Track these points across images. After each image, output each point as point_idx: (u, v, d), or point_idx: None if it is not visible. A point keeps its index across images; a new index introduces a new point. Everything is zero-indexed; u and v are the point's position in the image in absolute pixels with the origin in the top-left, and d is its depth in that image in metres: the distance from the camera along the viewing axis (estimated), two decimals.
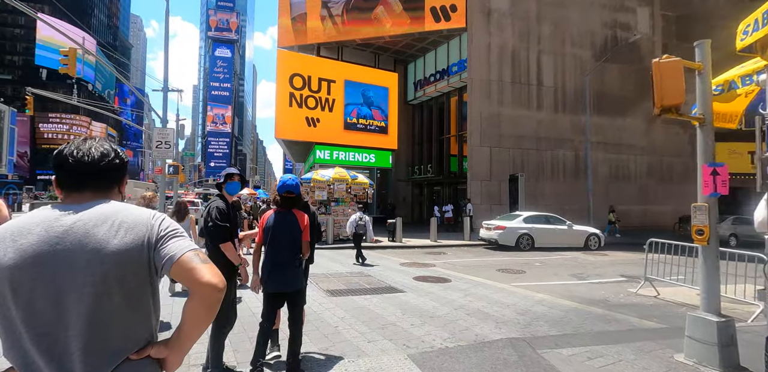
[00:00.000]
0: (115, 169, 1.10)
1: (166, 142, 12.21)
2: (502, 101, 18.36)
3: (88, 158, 1.05)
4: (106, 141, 1.14)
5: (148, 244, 1.01)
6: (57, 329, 0.93)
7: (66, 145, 1.08)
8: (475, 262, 9.94)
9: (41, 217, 0.99)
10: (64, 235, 0.96)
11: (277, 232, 3.04)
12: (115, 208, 1.04)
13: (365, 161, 20.80)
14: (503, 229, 12.33)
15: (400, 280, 7.23)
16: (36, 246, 0.94)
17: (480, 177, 17.85)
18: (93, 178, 1.07)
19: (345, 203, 13.60)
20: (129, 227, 1.01)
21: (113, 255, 0.97)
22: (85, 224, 0.98)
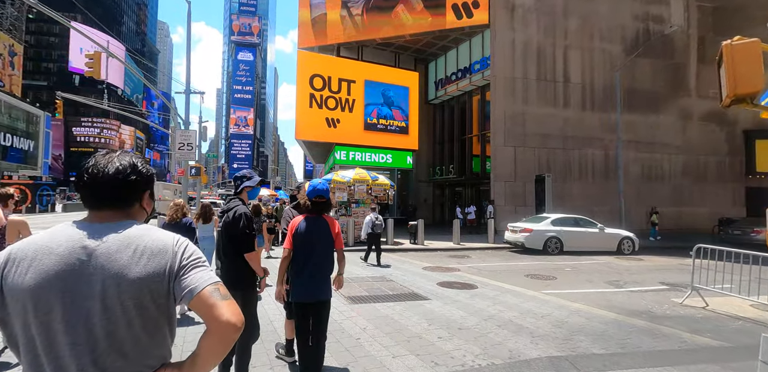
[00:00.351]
0: (132, 185, 1.06)
1: (188, 143, 12.28)
2: (526, 99, 17.75)
3: (101, 175, 1.02)
4: (128, 155, 1.10)
5: (169, 273, 0.99)
6: (74, 353, 0.91)
7: (88, 160, 1.06)
8: (501, 267, 9.51)
9: (65, 237, 0.96)
10: (87, 259, 0.94)
11: (308, 239, 2.90)
12: (140, 232, 1.01)
13: (385, 162, 20.54)
14: (530, 231, 11.81)
15: (424, 285, 6.91)
16: (57, 267, 0.92)
17: (504, 178, 17.30)
18: (109, 195, 1.03)
19: (366, 205, 13.36)
20: (152, 254, 0.98)
21: (135, 282, 0.94)
22: (108, 248, 0.96)
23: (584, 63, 18.68)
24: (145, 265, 0.96)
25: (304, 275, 2.87)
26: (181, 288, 0.97)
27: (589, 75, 18.72)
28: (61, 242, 0.95)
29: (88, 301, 0.91)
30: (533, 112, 17.73)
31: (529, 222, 12.50)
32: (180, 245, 1.03)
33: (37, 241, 0.96)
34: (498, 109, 17.43)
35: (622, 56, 19.01)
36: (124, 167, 1.04)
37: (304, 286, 2.86)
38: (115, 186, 1.02)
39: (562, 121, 18.13)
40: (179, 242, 1.03)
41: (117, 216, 1.04)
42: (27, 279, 0.90)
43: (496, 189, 17.24)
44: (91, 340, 0.91)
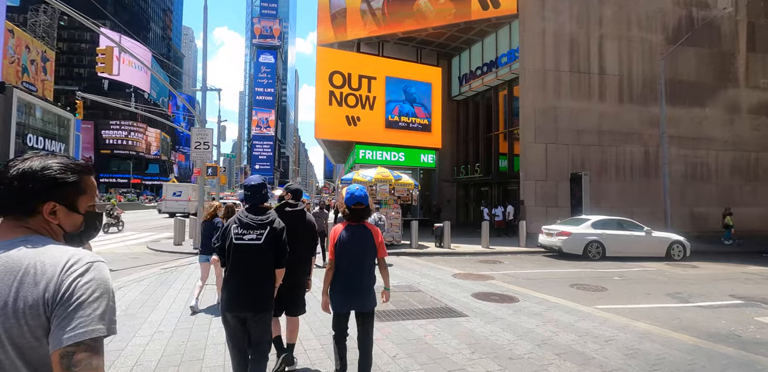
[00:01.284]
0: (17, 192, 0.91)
1: (205, 142, 11.84)
2: (558, 93, 16.63)
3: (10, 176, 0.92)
4: (41, 158, 0.95)
5: (37, 306, 0.82)
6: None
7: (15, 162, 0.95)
8: (539, 275, 8.59)
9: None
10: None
11: (351, 250, 2.83)
12: (23, 252, 0.86)
13: (407, 161, 19.77)
14: (568, 235, 10.81)
15: (458, 297, 6.11)
16: None
17: (534, 176, 16.23)
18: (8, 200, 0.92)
19: (388, 205, 12.64)
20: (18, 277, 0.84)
21: (5, 313, 0.81)
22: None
23: (621, 53, 17.39)
24: (20, 293, 0.82)
25: (347, 286, 2.82)
26: (53, 331, 0.82)
27: (626, 66, 17.42)
28: None
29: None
30: (566, 107, 16.59)
31: (567, 224, 11.48)
32: (78, 274, 0.85)
33: None
34: (527, 104, 16.38)
35: (663, 45, 17.62)
36: (19, 172, 0.92)
37: (345, 297, 2.83)
38: (7, 186, 0.91)
39: (598, 115, 16.91)
40: (75, 268, 0.85)
41: (21, 230, 0.92)
42: None
43: (526, 189, 16.19)
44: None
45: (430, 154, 20.83)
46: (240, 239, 2.69)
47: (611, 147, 17.00)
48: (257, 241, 2.69)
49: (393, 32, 19.13)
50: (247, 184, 2.88)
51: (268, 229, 2.73)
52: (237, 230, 2.72)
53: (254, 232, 2.71)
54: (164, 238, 13.88)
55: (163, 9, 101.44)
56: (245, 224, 2.73)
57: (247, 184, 2.88)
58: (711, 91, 18.32)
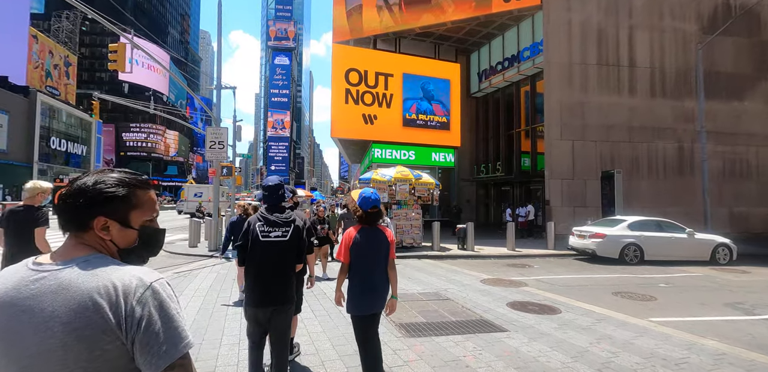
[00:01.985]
0: (78, 207, 0.90)
1: (220, 142, 11.54)
2: (585, 87, 15.81)
3: (66, 192, 0.91)
4: (95, 175, 0.94)
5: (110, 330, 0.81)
6: None
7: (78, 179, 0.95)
8: (574, 281, 7.93)
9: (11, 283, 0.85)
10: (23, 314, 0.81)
11: (369, 253, 2.83)
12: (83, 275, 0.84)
13: (426, 160, 19.20)
14: (602, 237, 10.08)
15: (493, 307, 5.55)
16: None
17: (560, 175, 15.45)
18: (63, 216, 0.91)
19: (408, 206, 12.11)
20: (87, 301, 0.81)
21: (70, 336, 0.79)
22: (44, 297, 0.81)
23: (653, 44, 16.44)
24: (83, 315, 0.80)
25: (366, 288, 2.82)
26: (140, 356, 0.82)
27: (658, 58, 16.45)
28: (9, 287, 0.84)
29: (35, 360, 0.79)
30: (594, 101, 15.76)
31: (601, 226, 10.74)
32: (142, 296, 0.84)
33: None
34: (553, 99, 15.61)
35: (698, 35, 16.60)
36: (76, 188, 0.92)
37: (365, 300, 2.81)
38: (67, 205, 0.91)
39: (628, 110, 16.01)
40: (139, 292, 0.84)
41: (79, 247, 0.91)
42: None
43: (551, 188, 15.43)
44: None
45: (448, 152, 20.19)
46: (267, 236, 2.77)
47: (642, 143, 16.08)
48: (283, 238, 2.79)
49: (410, 27, 18.61)
50: (264, 185, 2.95)
51: (293, 227, 2.84)
52: (262, 228, 2.79)
53: (280, 229, 2.81)
54: (179, 239, 13.67)
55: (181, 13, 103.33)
56: (271, 222, 2.81)
57: (264, 185, 2.95)
58: (750, 83, 17.18)
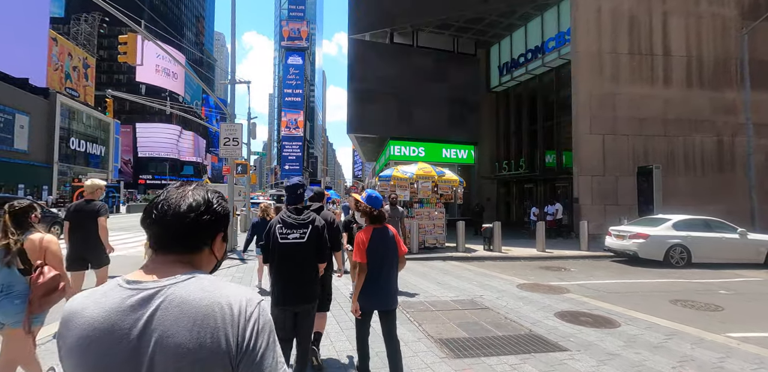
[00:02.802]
0: (202, 226, 0.86)
1: (234, 138, 11.10)
2: (617, 78, 14.88)
3: (172, 212, 0.85)
4: (202, 189, 0.91)
5: (232, 352, 0.76)
6: None
7: (160, 193, 0.89)
8: (622, 286, 7.18)
9: (111, 304, 0.77)
10: (135, 333, 0.74)
11: (384, 253, 2.91)
12: (202, 295, 0.78)
13: (445, 157, 18.54)
14: (645, 237, 9.26)
15: (539, 318, 4.90)
16: (104, 355, 0.74)
17: (590, 171, 14.58)
18: (174, 236, 0.85)
19: (431, 204, 11.48)
20: (214, 326, 0.75)
21: (185, 361, 0.73)
22: (161, 320, 0.75)
23: (689, 31, 15.39)
24: (200, 339, 0.74)
25: (378, 286, 2.89)
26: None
27: (695, 46, 15.41)
28: (109, 310, 0.76)
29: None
30: (625, 93, 14.83)
31: (641, 225, 9.91)
32: (250, 316, 0.79)
33: (84, 305, 0.78)
34: (582, 91, 14.74)
35: (738, 21, 15.50)
36: (197, 204, 0.87)
37: (379, 297, 2.90)
38: (183, 225, 0.84)
39: (662, 102, 15.02)
40: (248, 310, 0.79)
41: (178, 265, 0.84)
42: (73, 352, 0.76)
43: (581, 185, 14.58)
44: None
45: (468, 149, 19.50)
46: (285, 238, 2.82)
47: (678, 137, 15.07)
48: (301, 240, 2.83)
49: (428, 18, 17.88)
50: (285, 186, 3.09)
51: (310, 228, 2.86)
52: (281, 230, 2.84)
53: (297, 231, 2.84)
54: None
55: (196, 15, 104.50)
56: (289, 224, 2.85)
57: (285, 186, 3.09)
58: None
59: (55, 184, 36.64)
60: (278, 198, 27.44)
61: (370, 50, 18.29)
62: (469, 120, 19.49)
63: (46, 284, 2.37)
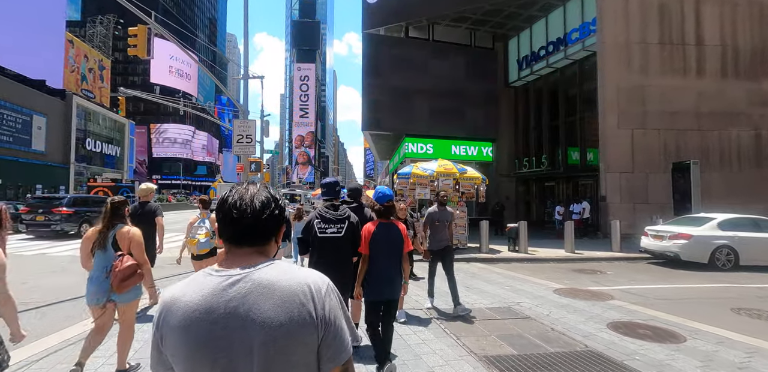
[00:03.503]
0: (274, 220, 0.98)
1: (248, 135, 10.74)
2: (647, 69, 14.11)
3: (249, 210, 0.94)
4: (265, 188, 1.02)
5: (316, 326, 0.87)
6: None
7: (229, 194, 0.98)
8: (671, 292, 6.55)
9: (209, 291, 0.88)
10: (229, 317, 0.85)
11: (386, 246, 3.09)
12: (279, 276, 0.90)
13: (462, 154, 17.95)
14: (688, 238, 8.57)
15: (591, 330, 4.34)
16: (206, 330, 0.85)
17: (618, 168, 13.85)
18: (252, 231, 0.95)
19: (452, 203, 10.92)
20: (298, 302, 0.87)
21: (281, 334, 0.85)
22: (248, 300, 0.86)
23: (723, 19, 14.52)
24: (287, 319, 0.86)
25: (381, 277, 3.08)
26: (323, 352, 0.89)
27: (730, 34, 14.52)
28: (206, 295, 0.88)
29: (235, 356, 0.84)
30: (656, 85, 14.05)
31: (682, 225, 9.21)
32: (326, 293, 0.92)
33: (184, 292, 0.90)
34: (608, 84, 14.01)
35: None
36: (268, 201, 0.98)
37: (380, 288, 3.09)
38: (260, 222, 0.95)
39: (695, 94, 14.19)
40: (323, 288, 0.92)
41: (255, 255, 0.95)
42: (175, 331, 0.86)
43: (608, 182, 13.86)
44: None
45: (486, 146, 18.87)
46: (324, 232, 3.05)
47: (713, 131, 14.22)
48: (338, 234, 3.06)
49: (444, 12, 17.29)
50: (323, 183, 3.44)
51: (347, 223, 3.10)
52: (320, 225, 3.06)
53: (335, 226, 3.07)
54: None
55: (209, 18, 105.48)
56: (327, 219, 3.08)
57: (323, 183, 3.44)
58: None
59: (72, 184, 37.06)
60: (291, 197, 27.17)
61: (385, 45, 17.79)
62: (487, 116, 18.85)
63: (123, 271, 2.87)
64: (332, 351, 0.88)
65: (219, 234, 0.97)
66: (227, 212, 0.94)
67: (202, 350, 0.83)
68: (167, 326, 0.87)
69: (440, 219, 5.23)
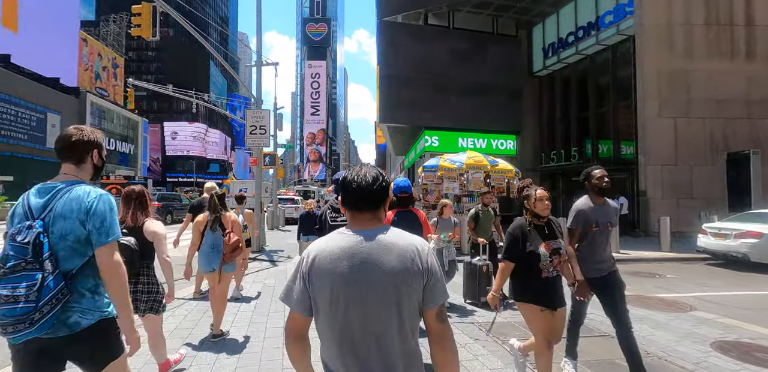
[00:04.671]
0: (383, 191, 1.24)
1: (261, 126, 10.00)
2: (691, 52, 12.96)
3: (364, 183, 1.22)
4: (374, 168, 1.27)
5: (422, 274, 1.17)
6: (353, 343, 1.14)
7: (348, 172, 1.26)
8: (755, 301, 5.57)
9: (345, 242, 1.19)
10: (365, 259, 1.15)
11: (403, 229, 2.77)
12: (396, 237, 1.21)
13: (484, 147, 16.99)
14: (758, 236, 7.54)
15: (695, 353, 3.46)
16: (348, 271, 1.15)
17: (660, 160, 12.76)
18: (368, 199, 1.22)
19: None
20: (411, 256, 1.17)
21: (401, 279, 1.14)
22: (378, 250, 1.16)
23: None
24: (404, 267, 1.15)
25: None
26: (427, 295, 1.18)
27: None
28: (344, 247, 1.17)
29: (369, 295, 1.13)
30: (701, 70, 12.90)
31: (747, 222, 8.16)
32: (428, 251, 1.21)
33: (327, 244, 1.21)
34: (649, 69, 12.91)
35: None
36: (377, 176, 1.24)
37: None
38: (375, 191, 1.22)
39: (745, 79, 12.99)
40: (425, 248, 1.21)
41: (372, 220, 1.24)
42: (324, 271, 1.15)
43: (648, 176, 12.80)
44: (374, 325, 1.14)
45: (510, 139, 17.88)
46: (335, 220, 3.37)
47: (764, 120, 13.00)
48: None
49: None
50: (333, 178, 3.82)
51: None
52: (331, 214, 3.44)
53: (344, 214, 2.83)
54: None
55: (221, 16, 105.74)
56: (337, 209, 3.42)
57: (333, 178, 3.82)
58: None
59: None
60: (305, 194, 26.56)
61: (403, 33, 16.90)
62: (510, 107, 17.86)
63: (232, 245, 3.73)
64: (433, 293, 1.17)
65: (342, 202, 1.27)
66: (348, 185, 1.23)
67: (344, 285, 1.14)
68: (317, 267, 1.17)
69: (600, 220, 2.99)
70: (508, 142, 17.95)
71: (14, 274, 1.40)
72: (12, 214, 1.57)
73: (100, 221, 1.53)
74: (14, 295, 1.37)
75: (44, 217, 1.51)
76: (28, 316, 1.37)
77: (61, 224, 1.50)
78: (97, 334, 1.55)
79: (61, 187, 1.56)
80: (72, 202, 1.53)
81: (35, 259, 1.42)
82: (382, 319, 1.12)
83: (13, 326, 1.38)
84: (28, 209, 1.53)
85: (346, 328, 1.12)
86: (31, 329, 1.39)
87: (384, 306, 1.11)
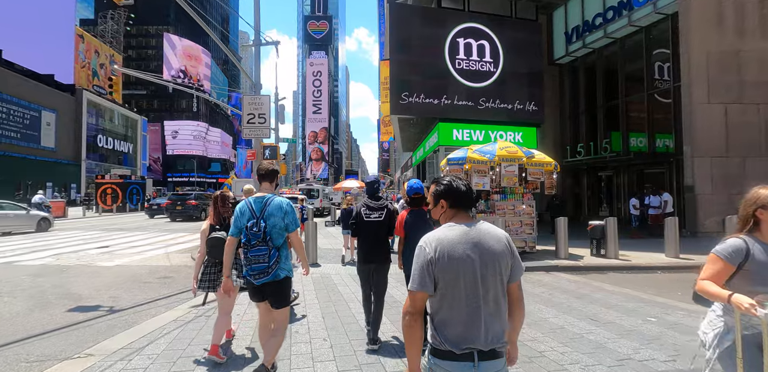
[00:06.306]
0: (474, 194, 1.73)
1: (260, 114, 8.67)
2: (742, 30, 11.55)
3: (464, 189, 1.62)
4: (463, 180, 1.66)
5: (510, 256, 1.52)
6: (478, 302, 1.46)
7: (452, 182, 1.64)
8: None
9: (460, 234, 1.51)
10: (476, 246, 1.48)
11: (414, 231, 3.55)
12: (488, 228, 1.55)
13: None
14: None
15: None
16: (469, 251, 1.47)
17: (709, 151, 11.37)
18: (468, 200, 1.63)
19: (516, 195, 8.68)
20: (505, 242, 1.53)
21: (501, 260, 1.49)
22: (484, 238, 1.50)
23: None
24: (502, 249, 1.51)
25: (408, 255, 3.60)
26: (513, 271, 1.53)
27: None
28: (460, 238, 1.49)
29: (481, 271, 1.46)
30: (755, 50, 11.50)
31: None
32: (511, 240, 1.57)
33: (445, 234, 1.52)
34: (695, 49, 11.49)
35: None
36: (468, 185, 1.65)
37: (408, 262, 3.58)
38: (471, 195, 1.64)
39: None
40: (510, 238, 1.58)
41: (470, 215, 1.62)
42: (446, 253, 1.46)
43: (696, 169, 11.40)
44: (487, 295, 1.47)
45: (530, 132, 16.45)
46: (368, 217, 3.84)
47: None
48: (379, 219, 3.85)
49: None
50: (365, 180, 4.34)
51: (386, 211, 3.87)
52: (366, 211, 3.84)
53: (377, 212, 3.86)
54: None
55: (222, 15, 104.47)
56: (371, 207, 3.86)
57: (365, 180, 4.34)
58: None
59: (84, 181, 35.96)
60: (308, 193, 25.27)
61: (414, 16, 15.47)
62: (531, 97, 16.43)
63: None
64: (516, 271, 1.53)
65: (450, 205, 1.61)
66: (456, 191, 1.60)
67: (463, 263, 1.45)
68: (440, 250, 1.46)
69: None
70: (527, 134, 16.54)
71: (255, 248, 2.77)
72: (241, 212, 2.89)
73: (291, 218, 2.91)
74: (258, 258, 2.75)
75: (263, 215, 2.83)
76: (265, 270, 2.76)
77: (272, 220, 2.83)
78: (285, 282, 2.92)
79: (269, 197, 2.91)
80: (276, 206, 2.88)
81: (263, 239, 2.78)
82: (495, 284, 1.47)
83: (259, 275, 2.77)
84: (253, 210, 2.86)
85: (471, 294, 1.45)
86: (267, 278, 2.78)
87: (493, 276, 1.47)
